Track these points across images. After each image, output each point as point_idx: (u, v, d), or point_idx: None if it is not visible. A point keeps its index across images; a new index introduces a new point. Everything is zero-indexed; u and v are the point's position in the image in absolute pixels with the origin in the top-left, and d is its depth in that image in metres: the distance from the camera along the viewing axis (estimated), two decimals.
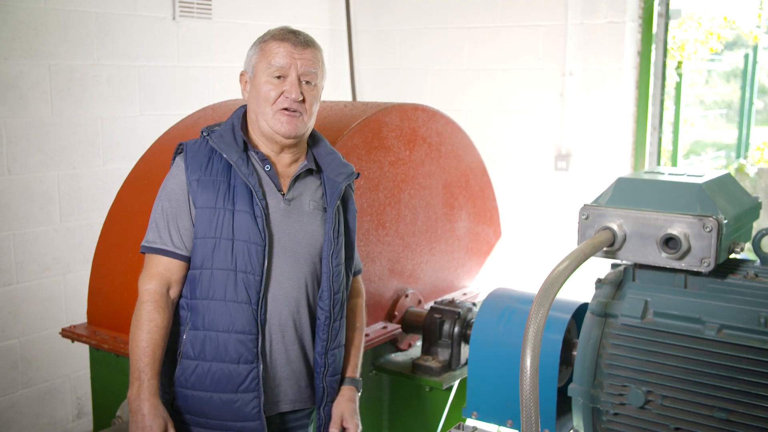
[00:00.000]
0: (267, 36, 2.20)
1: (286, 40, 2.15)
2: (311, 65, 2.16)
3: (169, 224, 2.15)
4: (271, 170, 2.20)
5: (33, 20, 3.90)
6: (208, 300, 2.14)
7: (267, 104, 2.15)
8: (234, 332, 2.12)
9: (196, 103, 4.16)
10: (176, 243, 2.15)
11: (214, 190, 2.13)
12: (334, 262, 2.22)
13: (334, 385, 2.27)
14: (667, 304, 1.95)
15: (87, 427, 4.34)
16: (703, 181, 1.95)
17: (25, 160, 3.94)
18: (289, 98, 2.13)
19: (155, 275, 2.15)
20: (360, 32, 5.77)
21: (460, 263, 3.47)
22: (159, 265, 2.15)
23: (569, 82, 4.91)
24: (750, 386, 1.80)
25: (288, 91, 2.13)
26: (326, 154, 2.31)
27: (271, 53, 2.15)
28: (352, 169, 2.32)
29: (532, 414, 1.65)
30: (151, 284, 2.14)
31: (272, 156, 2.22)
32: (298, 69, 2.14)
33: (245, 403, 2.14)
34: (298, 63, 2.14)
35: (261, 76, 2.16)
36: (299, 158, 2.27)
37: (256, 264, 2.12)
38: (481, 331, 2.50)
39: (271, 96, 2.14)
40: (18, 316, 4.01)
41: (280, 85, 2.14)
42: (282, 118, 2.14)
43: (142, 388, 2.06)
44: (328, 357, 2.24)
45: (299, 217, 2.21)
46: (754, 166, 9.55)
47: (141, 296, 2.14)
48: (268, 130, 2.17)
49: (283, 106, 2.14)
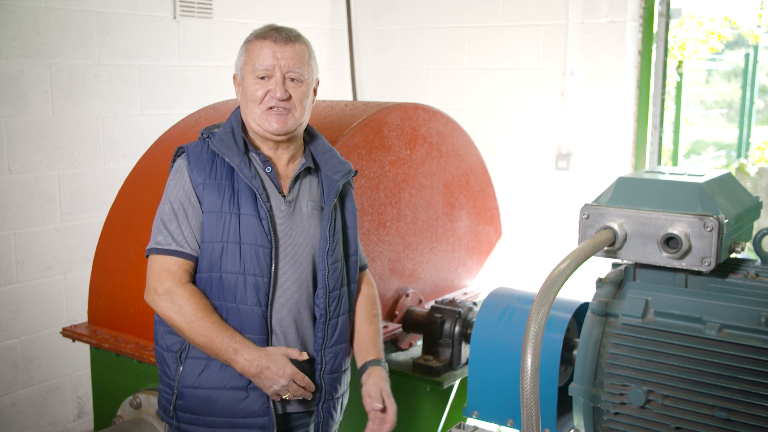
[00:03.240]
0: (251, 36, 2.20)
1: (268, 38, 2.15)
2: (295, 62, 2.15)
3: (181, 225, 2.14)
4: (272, 172, 2.20)
5: (34, 19, 3.91)
6: (218, 302, 2.14)
7: (254, 104, 2.16)
8: (245, 334, 2.13)
9: (196, 103, 4.17)
10: (191, 245, 2.14)
11: (219, 194, 2.13)
12: (330, 259, 2.21)
13: (333, 383, 2.27)
14: (668, 304, 1.95)
15: (88, 426, 4.34)
16: (703, 181, 1.95)
17: (25, 159, 3.95)
18: (275, 97, 2.13)
19: (178, 275, 2.13)
20: (361, 31, 5.77)
21: (460, 263, 3.47)
22: (179, 266, 2.13)
23: (570, 81, 4.91)
24: (751, 386, 1.80)
25: (273, 90, 2.13)
26: (324, 151, 2.31)
27: (255, 54, 2.15)
28: (349, 166, 2.31)
29: (532, 413, 1.65)
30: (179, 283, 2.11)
31: (271, 154, 2.23)
32: (282, 67, 2.14)
33: (255, 398, 2.15)
34: (282, 62, 2.13)
35: (248, 77, 2.17)
36: (296, 155, 2.26)
37: (264, 266, 2.13)
38: (481, 331, 2.50)
39: (257, 96, 2.15)
40: (19, 316, 4.01)
41: (266, 85, 2.14)
42: (270, 117, 2.15)
43: (244, 353, 2.08)
44: (326, 354, 2.24)
45: (300, 218, 2.21)
46: (755, 165, 9.55)
47: (177, 297, 2.10)
48: (259, 129, 2.18)
49: (269, 105, 2.14)
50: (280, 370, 2.08)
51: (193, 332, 2.09)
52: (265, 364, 2.08)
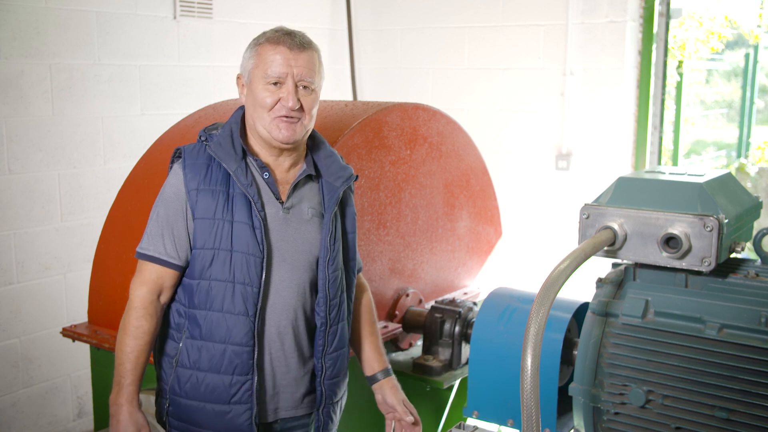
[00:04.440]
0: (262, 39, 2.14)
1: (282, 44, 2.10)
2: (308, 71, 2.11)
3: (164, 232, 2.13)
4: (269, 178, 2.16)
5: (34, 19, 3.91)
6: (205, 310, 2.12)
7: (264, 111, 2.11)
8: (230, 344, 2.11)
9: (196, 103, 4.17)
10: (170, 252, 2.13)
11: (213, 200, 2.10)
12: (330, 268, 2.19)
13: (333, 388, 2.27)
14: (668, 304, 1.95)
15: (88, 426, 4.34)
16: (703, 181, 1.95)
17: (25, 159, 3.95)
18: (286, 106, 2.09)
19: (147, 282, 2.14)
20: (361, 31, 5.77)
21: (460, 262, 3.47)
22: (152, 272, 2.14)
23: (570, 81, 4.91)
24: (751, 386, 1.80)
25: (285, 99, 2.09)
26: (325, 156, 2.27)
27: (267, 60, 2.10)
28: (351, 171, 2.28)
29: (532, 413, 1.65)
30: (142, 290, 2.13)
31: (271, 161, 2.19)
32: (295, 76, 2.09)
33: (237, 414, 2.12)
34: (295, 70, 2.09)
35: (257, 82, 2.11)
36: (298, 162, 2.23)
37: (254, 276, 2.10)
38: (481, 331, 2.50)
39: (267, 103, 2.10)
40: (19, 316, 4.01)
41: (277, 92, 2.10)
42: (280, 124, 2.11)
43: (120, 393, 2.09)
44: (326, 361, 2.23)
45: (298, 225, 2.19)
46: (755, 165, 9.55)
47: (131, 301, 2.14)
48: (266, 135, 2.14)
49: (280, 114, 2.10)
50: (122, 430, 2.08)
51: (117, 340, 2.13)
52: (120, 418, 2.08)
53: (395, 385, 2.39)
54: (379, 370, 2.39)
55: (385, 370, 2.40)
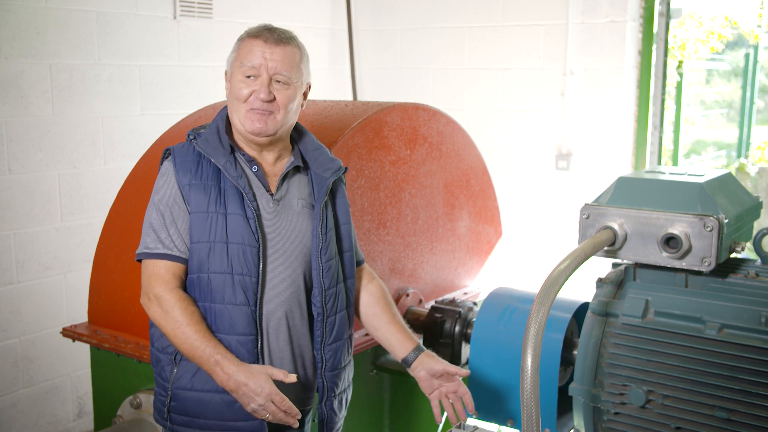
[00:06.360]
0: (244, 33, 2.20)
1: (259, 37, 2.14)
2: (284, 65, 2.14)
3: (169, 228, 2.14)
4: (258, 171, 2.19)
5: (34, 19, 3.91)
6: (207, 303, 2.13)
7: (239, 102, 2.15)
8: (234, 334, 2.12)
9: (196, 103, 4.17)
10: (179, 247, 2.14)
11: (205, 194, 2.12)
12: (324, 258, 2.21)
13: (334, 380, 2.26)
14: (668, 304, 1.95)
15: (88, 426, 4.34)
16: (704, 181, 1.95)
17: (26, 159, 3.95)
18: (258, 98, 2.12)
19: (167, 280, 2.12)
20: (361, 31, 5.77)
21: (461, 262, 3.47)
22: (167, 269, 2.13)
23: (570, 81, 4.91)
24: (751, 386, 1.80)
25: (257, 91, 2.12)
26: (313, 149, 2.30)
27: (245, 52, 2.15)
28: (339, 163, 2.30)
29: (532, 413, 1.65)
30: (166, 288, 2.11)
31: (255, 156, 2.22)
32: (269, 69, 2.13)
33: None
34: (270, 63, 2.13)
35: (236, 74, 2.16)
36: (283, 156, 2.25)
37: (251, 266, 2.12)
38: (481, 331, 2.50)
39: (243, 94, 2.14)
40: (19, 316, 4.01)
41: (252, 85, 2.13)
42: (253, 116, 2.13)
43: (224, 366, 2.05)
44: (326, 352, 2.24)
45: (288, 216, 2.20)
46: (755, 165, 9.55)
47: (161, 303, 2.10)
48: (241, 128, 2.17)
49: (252, 106, 2.13)
50: (258, 388, 2.03)
51: (178, 339, 2.09)
52: (244, 380, 2.04)
53: (434, 355, 2.31)
54: (411, 350, 2.32)
55: (418, 347, 2.33)
